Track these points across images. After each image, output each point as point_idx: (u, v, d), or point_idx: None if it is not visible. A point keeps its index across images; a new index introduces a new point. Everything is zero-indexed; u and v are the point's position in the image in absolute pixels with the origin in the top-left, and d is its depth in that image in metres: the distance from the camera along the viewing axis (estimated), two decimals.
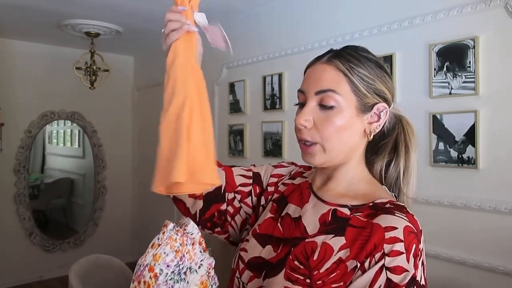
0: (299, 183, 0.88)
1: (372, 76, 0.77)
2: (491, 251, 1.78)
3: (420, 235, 0.70)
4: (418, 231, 0.70)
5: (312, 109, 0.77)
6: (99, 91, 3.95)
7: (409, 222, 0.69)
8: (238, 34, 3.21)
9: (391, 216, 0.70)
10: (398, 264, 0.66)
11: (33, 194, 4.55)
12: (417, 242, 0.68)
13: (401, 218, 0.69)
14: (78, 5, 2.93)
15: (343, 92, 0.75)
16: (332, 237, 0.73)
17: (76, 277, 1.89)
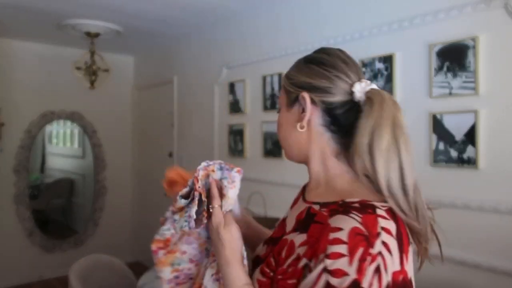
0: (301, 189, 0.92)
1: (295, 72, 0.82)
2: (491, 251, 1.78)
3: (376, 239, 0.63)
4: (373, 234, 0.63)
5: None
6: (99, 91, 3.95)
7: (361, 224, 0.64)
8: (238, 34, 3.21)
9: (343, 217, 0.66)
10: (338, 267, 0.63)
11: (33, 194, 4.55)
12: (365, 245, 0.63)
13: (352, 219, 0.65)
14: (78, 5, 2.94)
15: (281, 95, 0.85)
16: (298, 233, 0.75)
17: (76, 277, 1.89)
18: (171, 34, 3.73)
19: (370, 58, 2.23)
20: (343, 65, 0.79)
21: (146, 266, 4.13)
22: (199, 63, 3.67)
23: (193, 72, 3.76)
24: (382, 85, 2.17)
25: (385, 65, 2.16)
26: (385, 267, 0.62)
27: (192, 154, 3.80)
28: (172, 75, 4.04)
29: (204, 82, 3.58)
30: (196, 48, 3.71)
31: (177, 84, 3.99)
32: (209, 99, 3.50)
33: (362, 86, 0.76)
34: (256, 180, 2.82)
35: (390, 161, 0.69)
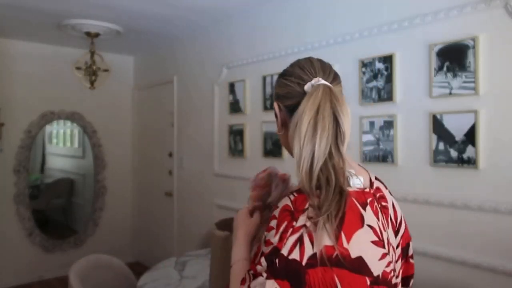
0: None
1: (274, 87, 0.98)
2: (491, 251, 1.78)
3: (299, 214, 0.74)
4: (298, 210, 0.75)
5: None
6: (99, 91, 3.95)
7: (291, 202, 0.77)
8: (238, 34, 3.21)
9: (284, 198, 0.80)
10: (268, 238, 0.76)
11: (33, 194, 4.55)
12: (289, 220, 0.74)
13: (288, 199, 0.78)
14: (78, 5, 2.94)
15: None
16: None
17: (76, 277, 1.89)
18: (171, 34, 3.73)
19: (370, 58, 2.23)
20: (300, 71, 0.90)
21: (146, 266, 4.14)
22: (199, 63, 3.67)
23: (193, 72, 3.76)
24: (382, 85, 2.17)
25: (385, 65, 2.16)
26: (311, 238, 0.72)
27: (192, 154, 3.80)
28: (172, 75, 4.04)
29: (204, 82, 3.58)
30: (196, 48, 3.71)
31: (177, 84, 3.99)
32: (209, 99, 3.50)
33: (311, 83, 0.86)
34: None
35: (305, 146, 0.79)
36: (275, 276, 0.71)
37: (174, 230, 4.02)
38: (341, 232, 0.73)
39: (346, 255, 0.72)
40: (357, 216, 0.77)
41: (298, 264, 0.71)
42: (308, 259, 0.71)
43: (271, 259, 0.73)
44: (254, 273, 0.77)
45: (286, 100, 0.90)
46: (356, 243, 0.74)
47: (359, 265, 0.73)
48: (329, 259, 0.71)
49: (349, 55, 2.36)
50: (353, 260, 0.73)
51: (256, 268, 0.76)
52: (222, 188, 3.39)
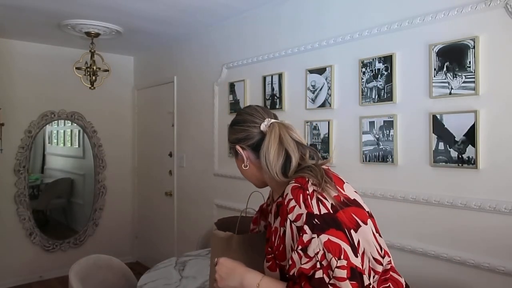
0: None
1: (229, 134, 1.24)
2: (491, 251, 1.78)
3: (306, 184, 1.01)
4: (303, 182, 1.01)
5: None
6: (99, 91, 3.95)
7: (295, 182, 1.02)
8: (238, 34, 3.21)
9: (287, 187, 1.04)
10: (296, 214, 0.98)
11: (33, 194, 4.55)
12: (303, 191, 0.99)
13: (290, 184, 1.03)
14: (78, 5, 2.94)
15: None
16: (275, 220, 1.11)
17: (76, 277, 1.89)
18: (171, 34, 3.73)
19: (370, 58, 2.23)
20: (250, 117, 1.19)
21: (146, 266, 4.14)
22: (199, 63, 3.67)
23: (193, 72, 3.76)
24: (382, 85, 2.17)
25: (385, 65, 2.16)
26: (323, 196, 0.99)
27: (192, 154, 3.80)
28: (172, 75, 4.04)
29: (204, 82, 3.58)
30: (196, 48, 3.71)
31: (177, 84, 3.99)
32: (209, 99, 3.50)
33: (265, 124, 1.16)
34: None
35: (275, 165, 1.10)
36: (321, 231, 0.93)
37: (174, 230, 4.02)
38: (337, 187, 1.04)
39: (348, 198, 1.04)
40: (338, 177, 1.13)
41: (330, 214, 0.96)
42: (331, 207, 0.98)
43: (311, 222, 0.94)
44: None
45: (247, 141, 1.18)
46: (348, 191, 1.08)
47: (357, 203, 1.06)
48: (340, 204, 1.00)
49: (349, 55, 2.36)
50: (353, 200, 1.05)
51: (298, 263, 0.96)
52: (222, 188, 3.39)
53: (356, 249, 0.93)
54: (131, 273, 2.20)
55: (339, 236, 0.92)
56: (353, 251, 0.92)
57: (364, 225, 1.01)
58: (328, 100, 2.47)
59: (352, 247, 0.92)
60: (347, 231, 0.94)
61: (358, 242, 0.96)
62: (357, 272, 0.90)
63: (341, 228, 0.94)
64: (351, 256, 0.91)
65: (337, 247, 0.91)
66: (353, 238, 0.95)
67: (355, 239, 0.95)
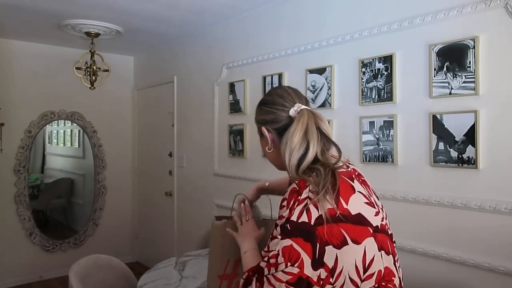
0: None
1: (256, 114, 1.23)
2: (491, 251, 1.78)
3: (303, 189, 0.98)
4: (302, 187, 0.99)
5: None
6: (99, 91, 3.95)
7: (296, 185, 1.00)
8: (238, 34, 3.21)
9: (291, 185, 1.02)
10: (281, 214, 1.00)
11: (33, 194, 4.55)
12: (296, 196, 0.98)
13: (294, 184, 1.01)
14: (78, 5, 2.94)
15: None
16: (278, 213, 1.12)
17: (76, 277, 1.89)
18: (171, 34, 3.73)
19: (370, 58, 2.23)
20: (280, 99, 1.14)
21: (146, 266, 4.14)
22: (199, 63, 3.67)
23: (193, 72, 3.76)
24: (382, 85, 2.17)
25: (385, 65, 2.16)
26: (315, 205, 0.94)
27: (192, 154, 3.80)
28: (172, 75, 4.04)
29: (204, 82, 3.58)
30: (196, 48, 3.71)
31: (177, 84, 3.99)
32: (209, 99, 3.50)
33: (294, 109, 1.11)
34: (256, 180, 2.82)
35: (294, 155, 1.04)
36: (288, 236, 0.94)
37: (174, 230, 4.02)
38: (340, 198, 0.96)
39: (347, 213, 0.95)
40: (348, 186, 1.01)
41: (307, 224, 0.93)
42: (316, 219, 0.93)
43: (284, 225, 0.96)
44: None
45: (274, 124, 1.15)
46: (353, 204, 0.98)
47: (360, 219, 0.97)
48: (332, 218, 0.93)
49: (349, 55, 2.36)
50: (354, 216, 0.96)
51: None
52: (222, 188, 3.39)
53: (320, 264, 0.91)
54: (131, 273, 2.20)
55: (304, 247, 0.92)
56: (313, 264, 0.91)
57: (354, 244, 0.93)
58: (328, 100, 2.47)
59: (314, 261, 0.91)
60: (319, 245, 0.92)
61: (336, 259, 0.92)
62: (305, 282, 0.91)
63: (311, 241, 0.92)
64: (307, 267, 0.91)
65: (296, 254, 0.92)
66: (323, 253, 0.92)
67: (329, 255, 0.92)
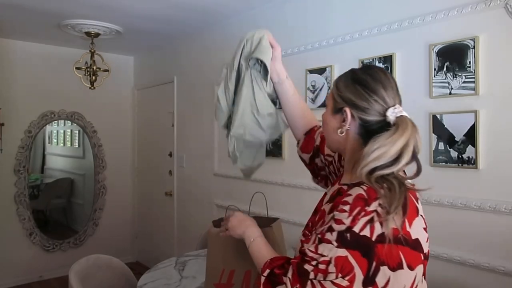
0: None
1: (344, 86, 1.01)
2: (491, 251, 1.78)
3: (372, 201, 0.86)
4: (371, 198, 0.87)
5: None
6: (99, 91, 3.95)
7: (365, 192, 0.88)
8: (238, 34, 3.20)
9: (355, 187, 0.90)
10: (340, 218, 0.87)
11: (33, 194, 4.55)
12: (363, 205, 0.86)
13: (360, 188, 0.89)
14: (78, 5, 2.94)
15: (329, 97, 1.07)
16: (328, 204, 1.00)
17: (76, 277, 1.89)
18: (171, 34, 3.73)
19: (370, 58, 2.23)
20: (383, 91, 0.97)
21: (146, 266, 4.14)
22: (199, 63, 3.67)
23: (193, 72, 3.76)
24: None
25: (385, 65, 2.16)
26: (380, 221, 0.85)
27: (192, 154, 3.80)
28: (172, 75, 4.04)
29: (204, 82, 3.58)
30: (196, 48, 3.71)
31: (177, 84, 3.99)
32: (209, 99, 3.49)
33: (394, 111, 0.96)
34: (255, 180, 2.82)
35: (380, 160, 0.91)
36: (346, 246, 0.85)
37: (174, 230, 4.02)
38: (405, 220, 0.89)
39: (408, 237, 0.89)
40: (414, 208, 0.94)
41: (368, 239, 0.85)
42: (377, 236, 0.85)
43: (343, 234, 0.86)
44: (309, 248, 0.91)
45: (363, 114, 0.97)
46: (415, 228, 0.91)
47: (417, 245, 0.91)
48: (394, 238, 0.86)
49: (349, 55, 2.36)
50: (413, 241, 0.90)
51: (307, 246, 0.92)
52: (221, 188, 3.39)
53: (371, 282, 0.85)
54: (131, 273, 2.20)
55: (360, 262, 0.84)
56: (364, 281, 0.85)
57: (408, 270, 0.88)
58: None
59: (366, 278, 0.85)
60: (375, 264, 0.84)
61: (388, 281, 0.86)
62: None
63: (368, 257, 0.84)
64: (357, 283, 0.84)
65: (349, 267, 0.84)
66: (376, 272, 0.85)
67: (382, 276, 0.86)
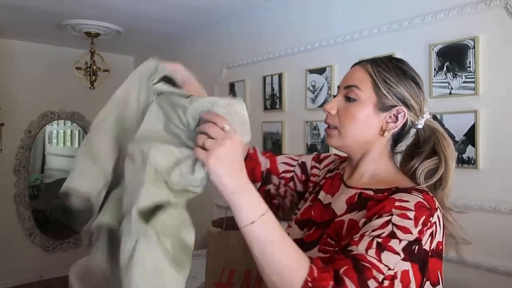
0: (333, 175, 1.01)
1: (396, 81, 0.87)
2: (491, 251, 1.78)
3: (435, 211, 0.78)
4: (433, 208, 0.78)
5: (339, 100, 0.90)
6: (99, 91, 3.94)
7: (423, 200, 0.78)
8: (238, 34, 3.21)
9: (406, 194, 0.79)
10: (405, 225, 0.74)
11: (33, 194, 4.56)
12: (428, 215, 0.76)
13: (415, 196, 0.78)
14: (78, 5, 2.93)
15: (365, 89, 0.87)
16: (356, 212, 0.83)
17: (76, 277, 1.89)
18: (171, 34, 3.73)
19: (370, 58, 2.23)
20: (421, 92, 0.91)
21: None
22: (199, 63, 3.67)
23: (193, 72, 3.73)
24: None
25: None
26: (435, 234, 0.78)
27: None
28: None
29: (204, 82, 3.54)
30: (196, 48, 3.71)
31: None
32: None
33: (425, 120, 0.92)
34: None
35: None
36: (411, 259, 0.74)
37: None
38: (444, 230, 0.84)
39: (442, 250, 0.84)
40: None
41: (427, 253, 0.77)
42: (431, 250, 0.78)
43: (411, 246, 0.75)
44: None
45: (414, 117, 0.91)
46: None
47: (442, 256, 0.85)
48: (438, 253, 0.81)
49: (349, 55, 2.35)
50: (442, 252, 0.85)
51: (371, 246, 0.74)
52: None
53: None
54: None
55: (417, 276, 0.75)
56: None
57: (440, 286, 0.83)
58: (328, 100, 2.46)
59: None
60: (424, 279, 0.77)
61: None
62: None
63: (423, 272, 0.76)
64: None
65: (407, 282, 0.73)
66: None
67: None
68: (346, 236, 0.80)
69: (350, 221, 0.83)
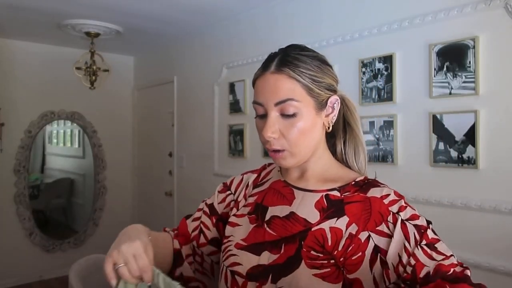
0: (269, 186, 0.93)
1: (320, 74, 0.82)
2: (491, 251, 1.78)
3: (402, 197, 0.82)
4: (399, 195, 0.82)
5: (275, 119, 0.81)
6: (99, 91, 3.95)
7: (390, 187, 0.83)
8: (238, 34, 3.21)
9: (378, 188, 0.81)
10: (411, 213, 0.77)
11: (33, 194, 4.55)
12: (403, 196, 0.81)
13: (386, 188, 0.82)
14: (78, 5, 2.94)
15: (301, 98, 0.80)
16: (336, 220, 0.80)
17: (76, 277, 1.89)
18: (171, 34, 3.73)
19: (370, 58, 2.23)
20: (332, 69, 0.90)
21: None
22: (199, 63, 3.67)
23: (193, 72, 3.76)
24: (382, 85, 2.17)
25: (385, 65, 2.16)
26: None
27: (192, 154, 3.80)
28: (172, 75, 4.04)
29: (204, 82, 3.58)
30: (196, 48, 3.71)
31: (177, 84, 3.99)
32: (209, 99, 3.49)
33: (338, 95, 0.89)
34: None
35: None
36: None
37: None
38: None
39: None
40: None
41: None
42: None
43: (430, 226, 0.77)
44: None
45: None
46: None
47: None
48: None
49: (349, 55, 2.36)
50: None
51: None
52: None
53: None
54: None
55: None
56: None
57: None
58: None
59: None
60: None
61: None
62: None
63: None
64: None
65: None
66: None
67: None
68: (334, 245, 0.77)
69: (333, 229, 0.78)
